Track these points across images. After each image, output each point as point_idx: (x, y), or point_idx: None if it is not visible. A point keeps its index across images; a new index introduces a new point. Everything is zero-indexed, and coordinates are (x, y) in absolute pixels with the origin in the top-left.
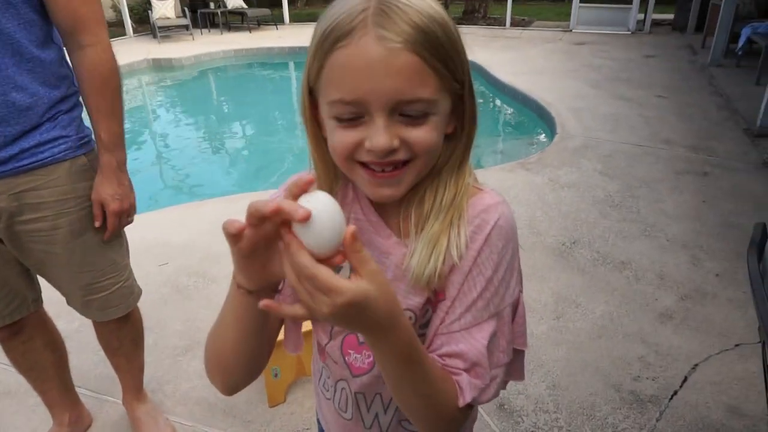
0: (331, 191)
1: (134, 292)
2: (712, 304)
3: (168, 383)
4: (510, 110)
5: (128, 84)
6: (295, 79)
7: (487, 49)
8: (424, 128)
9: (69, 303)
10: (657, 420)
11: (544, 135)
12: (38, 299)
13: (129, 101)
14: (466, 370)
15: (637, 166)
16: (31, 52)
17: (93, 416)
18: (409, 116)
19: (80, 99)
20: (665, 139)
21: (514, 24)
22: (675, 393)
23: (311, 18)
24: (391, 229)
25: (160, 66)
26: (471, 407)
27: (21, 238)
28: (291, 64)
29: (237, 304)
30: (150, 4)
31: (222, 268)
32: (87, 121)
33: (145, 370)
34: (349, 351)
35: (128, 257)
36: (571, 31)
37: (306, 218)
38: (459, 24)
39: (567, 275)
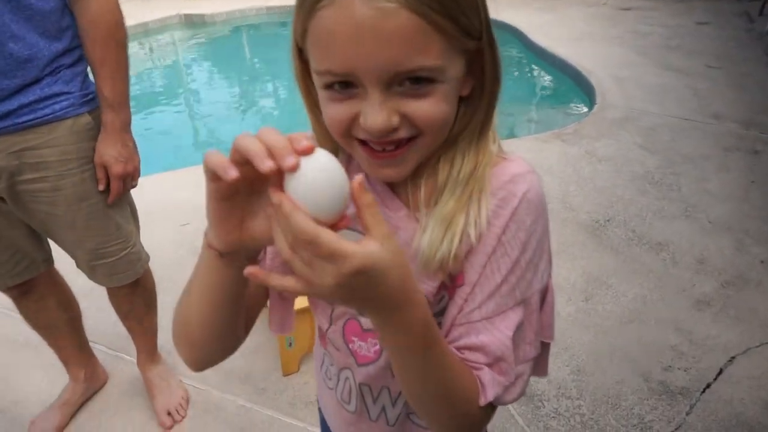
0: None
1: (141, 259)
2: (756, 293)
3: None
4: (546, 77)
5: (160, 40)
6: None
7: (522, 10)
8: (430, 100)
9: (78, 266)
10: (687, 413)
11: (582, 105)
12: (48, 259)
13: (161, 58)
14: (489, 365)
15: (681, 141)
16: (28, 0)
17: (109, 373)
18: (411, 86)
19: (83, 55)
20: (714, 113)
21: None
22: (708, 386)
23: None
24: (400, 200)
25: (192, 22)
26: (493, 408)
27: (23, 198)
28: None
29: (206, 268)
30: None
31: None
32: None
33: (161, 331)
34: (353, 338)
35: (135, 222)
36: None
37: (294, 168)
38: None
39: (599, 254)
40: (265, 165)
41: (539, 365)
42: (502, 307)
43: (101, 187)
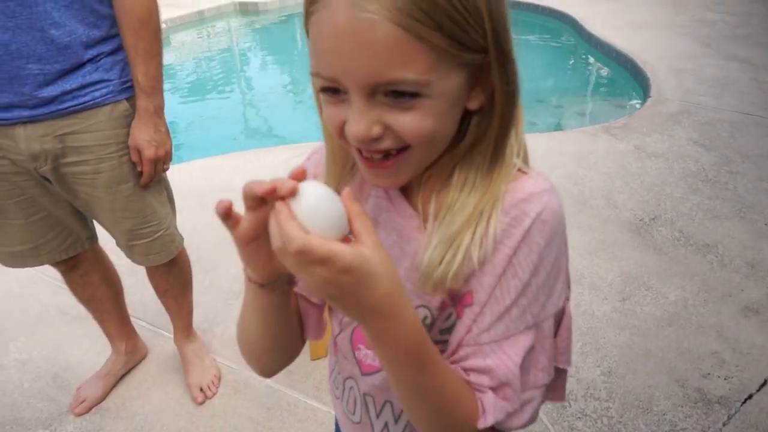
0: (344, 164)
1: (175, 241)
2: None
3: (218, 325)
4: (600, 68)
5: (216, 27)
6: None
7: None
8: (413, 114)
9: (117, 245)
10: (724, 424)
11: (636, 98)
12: (92, 237)
13: (216, 43)
14: (493, 389)
15: (741, 138)
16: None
17: (149, 348)
18: (393, 99)
19: (122, 48)
20: None
21: None
22: (750, 397)
23: None
24: (414, 209)
25: (246, 10)
26: None
27: (67, 179)
28: None
29: (252, 297)
30: None
31: None
32: None
33: (198, 310)
34: (359, 346)
35: (171, 206)
36: None
37: (292, 192)
38: None
39: (641, 254)
40: (262, 187)
41: (556, 390)
42: (511, 330)
43: (139, 169)
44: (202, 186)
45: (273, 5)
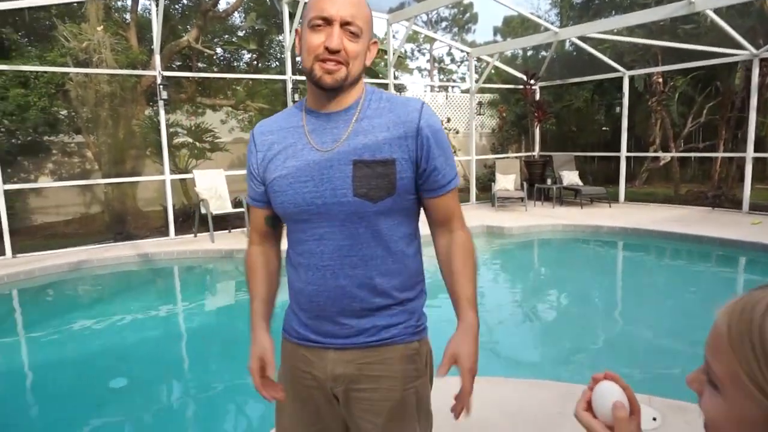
0: None
1: None
2: None
3: None
4: None
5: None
6: (615, 261)
7: None
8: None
9: None
10: None
11: None
12: None
13: None
14: None
15: None
16: (398, 247)
17: None
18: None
19: (425, 289)
20: None
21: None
22: None
23: (649, 197)
24: None
25: (492, 232)
26: None
27: (352, 403)
28: (619, 244)
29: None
30: (494, 176)
31: None
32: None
33: None
34: None
35: None
36: None
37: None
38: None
39: None
40: None
41: None
42: None
43: (442, 372)
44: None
45: (518, 230)
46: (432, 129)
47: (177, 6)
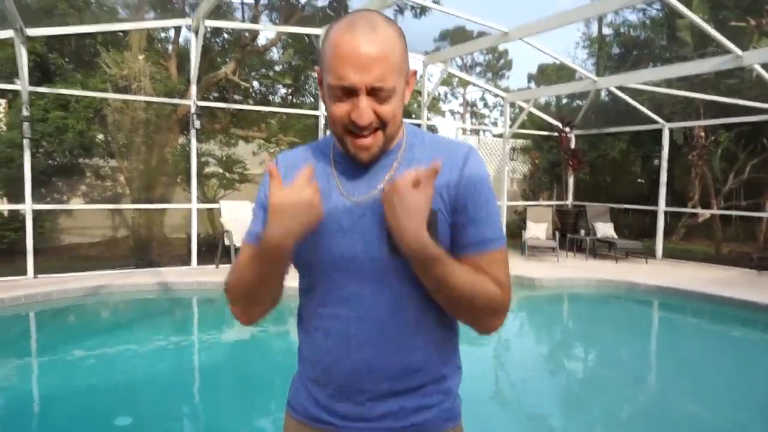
0: None
1: None
2: None
3: None
4: None
5: None
6: (653, 324)
7: None
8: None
9: None
10: None
11: None
12: None
13: None
14: None
15: None
16: (437, 314)
17: None
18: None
19: (460, 364)
20: None
21: None
22: None
23: (687, 254)
24: None
25: (522, 283)
26: None
27: None
28: (658, 304)
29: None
30: (525, 223)
31: None
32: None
33: None
34: None
35: None
36: None
37: None
38: None
39: None
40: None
41: None
42: None
43: None
44: None
45: (549, 282)
46: (477, 178)
47: (218, 39)
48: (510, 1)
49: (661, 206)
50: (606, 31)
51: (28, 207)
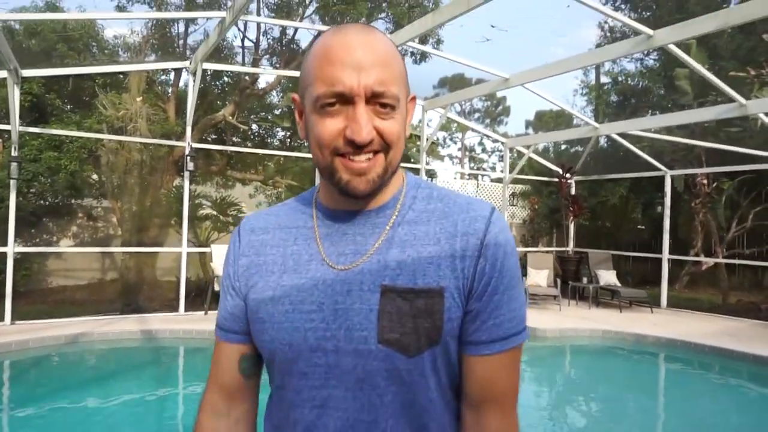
0: None
1: None
2: None
3: None
4: None
5: None
6: (663, 380)
7: None
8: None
9: None
10: None
11: None
12: None
13: None
14: None
15: None
16: (441, 423)
17: None
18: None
19: None
20: None
21: None
22: None
23: (693, 303)
24: None
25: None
26: None
27: None
28: (667, 358)
29: None
30: (525, 269)
31: None
32: None
33: None
34: None
35: None
36: None
37: None
38: None
39: None
40: None
41: None
42: None
43: None
44: None
45: (552, 333)
46: (502, 250)
47: (218, 82)
48: (505, 50)
49: (665, 254)
50: (604, 79)
51: (10, 249)
